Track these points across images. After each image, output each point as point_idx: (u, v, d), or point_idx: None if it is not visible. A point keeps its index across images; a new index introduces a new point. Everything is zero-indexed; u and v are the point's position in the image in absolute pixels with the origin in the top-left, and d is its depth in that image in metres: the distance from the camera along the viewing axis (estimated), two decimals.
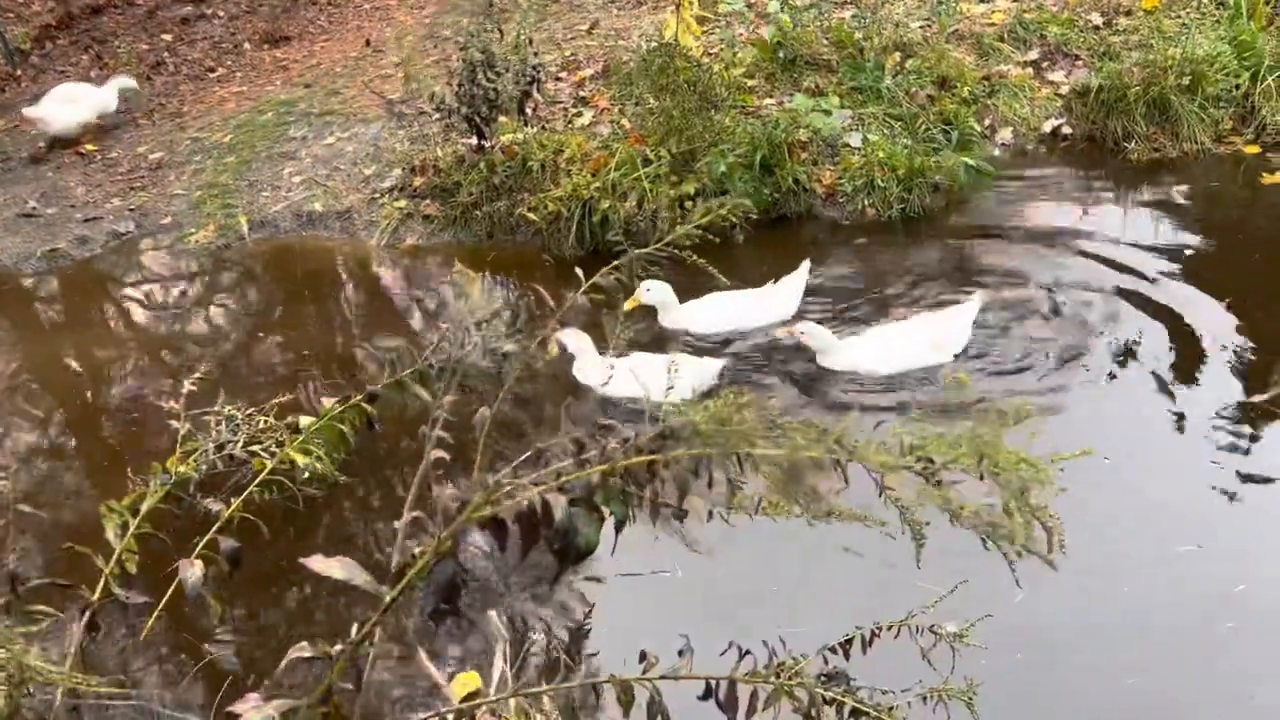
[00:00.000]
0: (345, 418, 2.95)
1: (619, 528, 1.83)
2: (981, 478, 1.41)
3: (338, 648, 1.93)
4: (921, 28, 7.83)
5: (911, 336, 5.10)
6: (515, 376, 1.98)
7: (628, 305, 5.37)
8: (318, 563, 1.91)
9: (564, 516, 1.79)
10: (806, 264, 5.66)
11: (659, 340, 5.54)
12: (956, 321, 5.13)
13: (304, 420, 3.04)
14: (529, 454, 2.05)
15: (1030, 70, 7.47)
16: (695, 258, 1.96)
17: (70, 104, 8.70)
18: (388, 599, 1.90)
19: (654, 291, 5.46)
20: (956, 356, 5.06)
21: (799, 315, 5.48)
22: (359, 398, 2.93)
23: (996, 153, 7.04)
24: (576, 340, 5.13)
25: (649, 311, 5.60)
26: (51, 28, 11.89)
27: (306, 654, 1.92)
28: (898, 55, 7.30)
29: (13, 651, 1.62)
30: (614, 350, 4.89)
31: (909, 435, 1.42)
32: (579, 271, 2.00)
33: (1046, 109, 7.22)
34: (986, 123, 7.12)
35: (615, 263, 1.99)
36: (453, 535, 1.88)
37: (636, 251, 1.98)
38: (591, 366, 5.11)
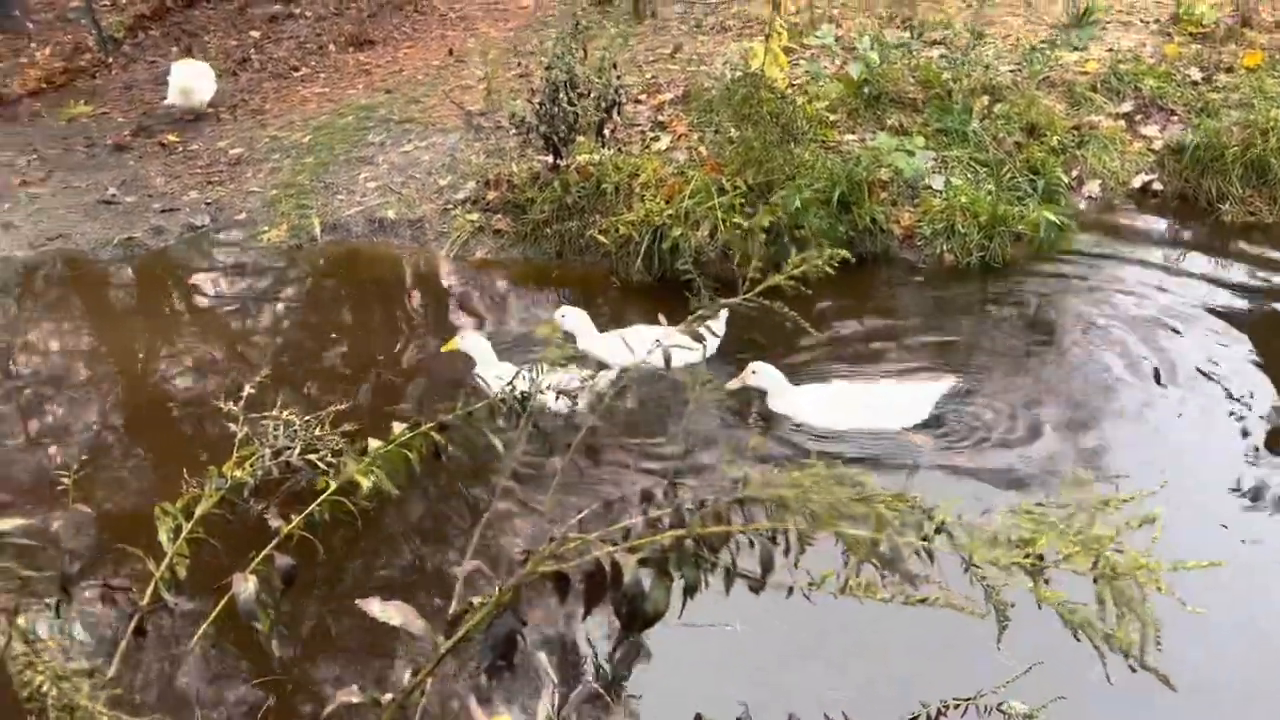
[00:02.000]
0: (413, 444, 2.89)
1: (689, 592, 1.73)
2: (1096, 581, 1.29)
3: (388, 696, 1.85)
4: (1011, 72, 7.66)
5: (868, 398, 5.02)
6: (589, 428, 1.90)
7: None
8: (375, 607, 1.83)
9: (633, 579, 1.69)
10: (725, 311, 5.61)
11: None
12: (921, 395, 5.01)
13: (372, 443, 2.98)
14: (596, 506, 1.97)
15: (1122, 123, 7.27)
16: (784, 308, 1.87)
17: (205, 79, 9.13)
18: (443, 649, 1.81)
19: (569, 318, 5.54)
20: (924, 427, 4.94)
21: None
22: (428, 425, 2.86)
23: (1083, 205, 6.85)
24: (475, 342, 5.35)
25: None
26: (145, 18, 12.16)
27: (355, 699, 1.84)
28: (986, 98, 7.15)
29: (63, 690, 1.56)
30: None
31: (1017, 528, 1.30)
32: (661, 318, 1.91)
33: (1138, 163, 7.01)
34: (1074, 173, 6.93)
35: (700, 311, 1.89)
36: (515, 588, 1.79)
37: (723, 301, 1.88)
38: (489, 367, 5.30)
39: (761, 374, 5.07)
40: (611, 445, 4.77)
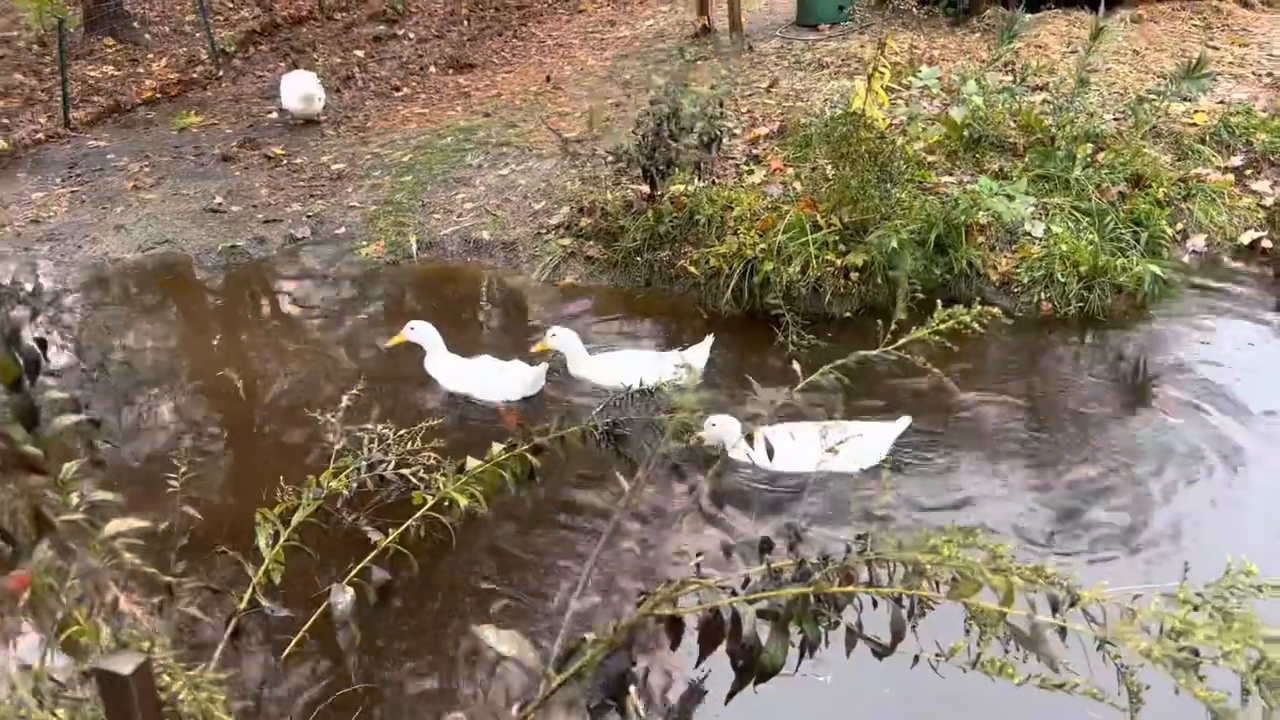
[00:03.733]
0: (508, 464, 2.92)
1: (807, 648, 1.71)
2: (1258, 682, 1.24)
3: None
4: (1116, 120, 7.52)
5: (818, 440, 4.76)
6: (716, 472, 1.90)
7: (536, 349, 5.80)
8: (490, 635, 1.85)
9: (752, 631, 1.68)
10: (710, 339, 5.80)
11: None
12: (876, 438, 4.87)
13: (470, 462, 3.03)
14: (714, 550, 1.96)
15: (1231, 176, 7.07)
16: (928, 365, 1.86)
17: (317, 89, 9.59)
18: (554, 685, 1.82)
19: (560, 338, 5.74)
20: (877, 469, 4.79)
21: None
22: (524, 447, 2.90)
23: (1186, 259, 6.67)
24: (427, 335, 5.74)
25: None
26: (255, 33, 12.58)
27: None
28: (1090, 146, 7.02)
29: (198, 698, 1.60)
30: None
31: (1168, 617, 1.27)
32: (796, 367, 1.91)
33: (1246, 219, 6.82)
34: (1179, 227, 6.76)
35: (838, 361, 1.88)
36: (629, 628, 1.79)
37: (861, 353, 1.88)
38: (441, 361, 5.74)
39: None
40: (735, 489, 4.75)
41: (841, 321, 6.26)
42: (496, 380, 5.66)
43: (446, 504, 3.19)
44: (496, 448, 2.87)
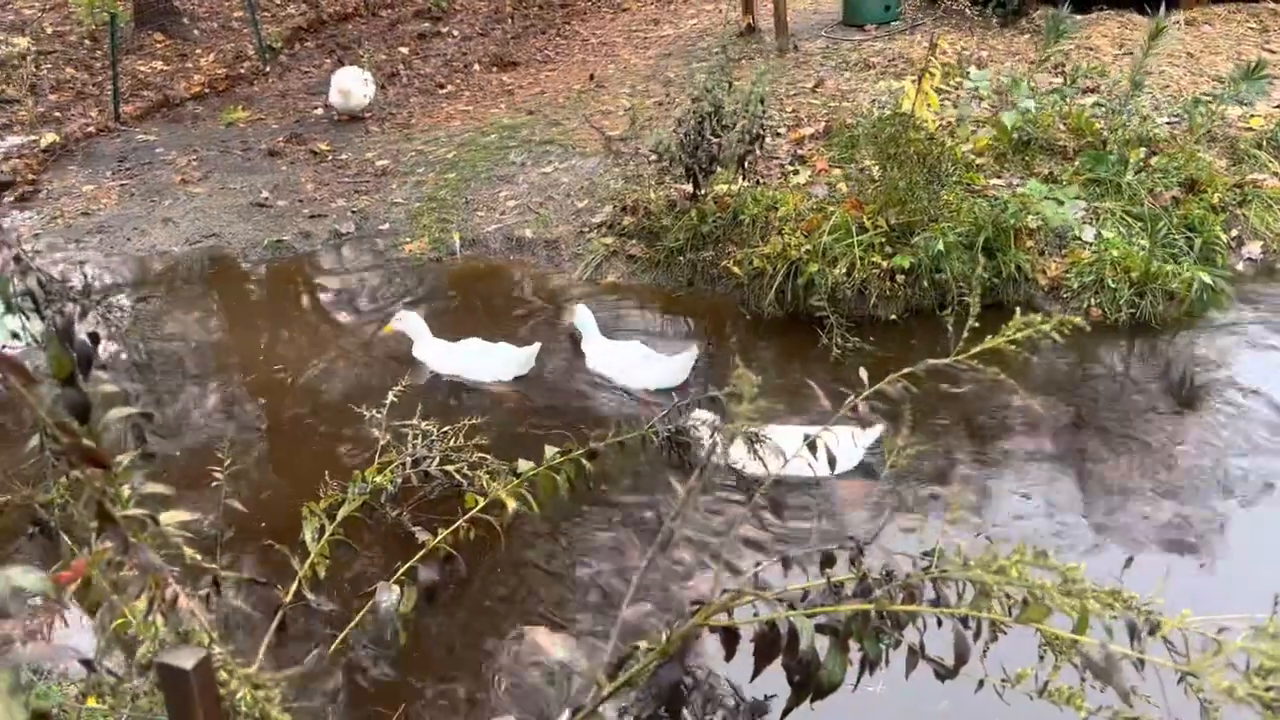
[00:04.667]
0: (563, 468, 2.90)
1: (868, 666, 1.68)
2: None
3: None
4: (1170, 124, 7.38)
5: (788, 442, 4.71)
6: (773, 479, 1.87)
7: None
8: (543, 637, 1.84)
9: (809, 646, 1.65)
10: (695, 349, 5.77)
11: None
12: (850, 441, 4.80)
13: (523, 465, 3.00)
14: (772, 561, 1.93)
15: None
16: (1000, 373, 1.81)
17: (365, 84, 9.69)
18: (606, 692, 1.80)
19: (406, 321, 6.04)
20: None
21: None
22: (579, 451, 2.87)
23: (1240, 266, 6.54)
24: (414, 324, 6.01)
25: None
26: (302, 29, 12.69)
27: None
28: (1142, 150, 6.89)
29: (256, 697, 1.59)
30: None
31: (1259, 654, 1.22)
32: (863, 373, 1.86)
33: None
34: (1233, 233, 6.62)
35: (906, 369, 1.83)
36: (683, 637, 1.77)
37: (931, 362, 1.83)
38: (428, 347, 5.98)
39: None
40: (796, 499, 4.70)
41: (886, 324, 6.19)
42: (486, 361, 5.85)
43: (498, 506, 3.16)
44: (550, 451, 2.85)
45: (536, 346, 5.83)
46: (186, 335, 6.64)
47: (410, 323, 6.03)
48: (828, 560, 1.73)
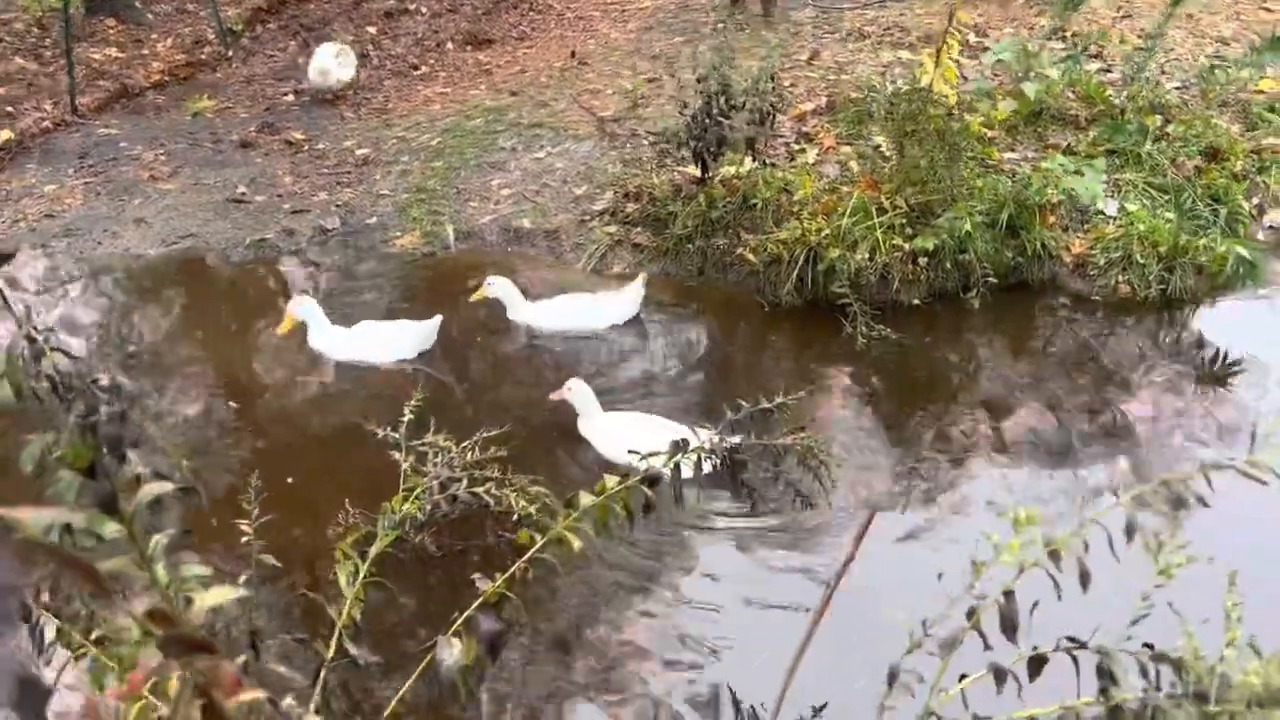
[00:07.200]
0: (621, 498, 2.66)
1: None
2: None
3: None
4: (1179, 90, 7.22)
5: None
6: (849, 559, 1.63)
7: (474, 297, 5.98)
8: None
9: None
10: (643, 276, 6.04)
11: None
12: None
13: (584, 499, 2.76)
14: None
15: None
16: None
17: (344, 62, 9.33)
18: None
19: (497, 286, 5.94)
20: None
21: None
22: (638, 479, 2.63)
23: (1261, 235, 6.41)
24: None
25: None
26: (262, 11, 12.15)
27: None
28: (1157, 118, 6.72)
29: None
30: None
31: None
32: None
33: None
34: (1254, 201, 6.48)
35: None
36: None
37: None
38: (324, 334, 5.81)
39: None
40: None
41: (909, 309, 5.99)
42: (383, 342, 5.73)
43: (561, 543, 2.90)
44: (610, 480, 2.60)
45: (438, 319, 5.71)
46: (174, 348, 6.25)
47: (306, 309, 5.77)
48: (1036, 666, 1.50)
